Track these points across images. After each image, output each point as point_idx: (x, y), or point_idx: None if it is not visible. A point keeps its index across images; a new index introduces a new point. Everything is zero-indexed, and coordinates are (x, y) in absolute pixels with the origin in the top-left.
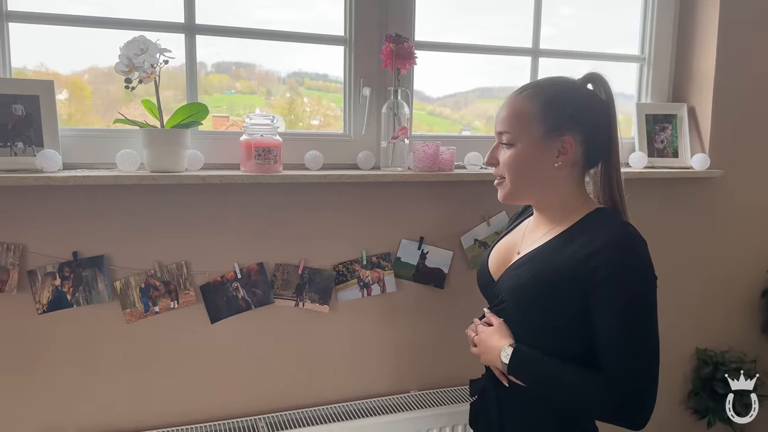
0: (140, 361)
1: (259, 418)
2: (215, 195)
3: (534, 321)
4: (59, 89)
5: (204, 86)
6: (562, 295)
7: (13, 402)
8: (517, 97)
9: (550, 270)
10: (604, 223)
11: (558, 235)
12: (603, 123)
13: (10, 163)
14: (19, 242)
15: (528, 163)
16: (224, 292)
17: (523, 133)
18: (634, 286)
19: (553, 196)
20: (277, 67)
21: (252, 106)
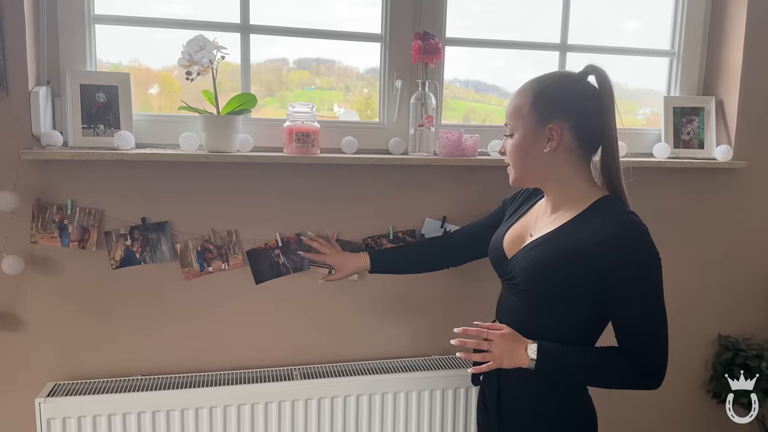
0: (195, 313)
1: (294, 369)
2: (261, 173)
3: (544, 298)
4: (150, 84)
5: (285, 82)
6: (572, 275)
7: (88, 343)
8: (517, 91)
9: (563, 251)
10: (613, 212)
11: (568, 221)
12: (595, 111)
13: (93, 141)
14: (98, 208)
15: (524, 150)
16: (267, 258)
17: (519, 123)
18: (643, 269)
19: (553, 181)
20: (356, 63)
21: (330, 101)
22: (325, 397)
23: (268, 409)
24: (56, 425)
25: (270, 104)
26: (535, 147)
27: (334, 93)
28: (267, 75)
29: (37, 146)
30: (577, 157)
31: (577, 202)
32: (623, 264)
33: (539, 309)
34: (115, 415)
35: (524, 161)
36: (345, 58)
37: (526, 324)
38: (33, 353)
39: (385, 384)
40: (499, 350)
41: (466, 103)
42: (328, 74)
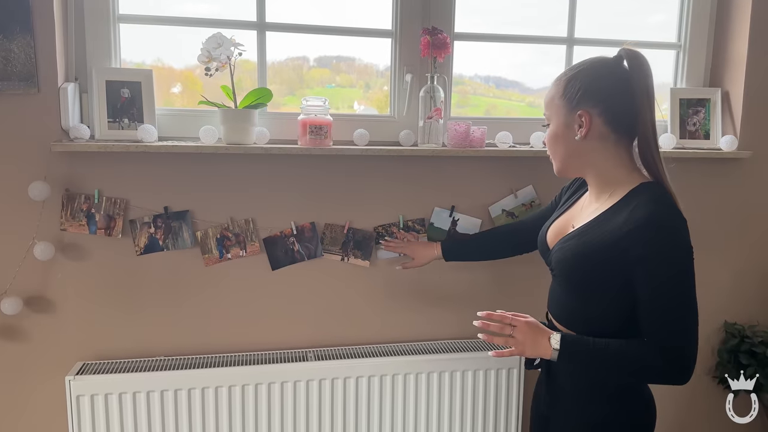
0: (215, 297)
1: (309, 351)
2: (277, 164)
3: (578, 290)
4: (173, 83)
5: (306, 80)
6: (600, 269)
7: (115, 325)
8: (552, 82)
9: (592, 246)
10: (644, 200)
11: (605, 211)
12: (626, 95)
13: (118, 134)
14: (123, 197)
15: (559, 140)
16: (283, 245)
17: (553, 113)
18: (669, 264)
19: (592, 169)
20: (375, 60)
21: (350, 99)
22: (338, 378)
23: (283, 389)
24: (85, 401)
25: (290, 102)
26: (567, 135)
27: (354, 91)
28: (288, 73)
29: (66, 139)
30: (612, 144)
31: (617, 189)
32: (646, 257)
33: (579, 298)
34: (140, 393)
35: (559, 150)
36: (365, 55)
37: (570, 312)
38: (63, 334)
39: (395, 366)
40: (522, 337)
41: (486, 99)
42: (348, 72)
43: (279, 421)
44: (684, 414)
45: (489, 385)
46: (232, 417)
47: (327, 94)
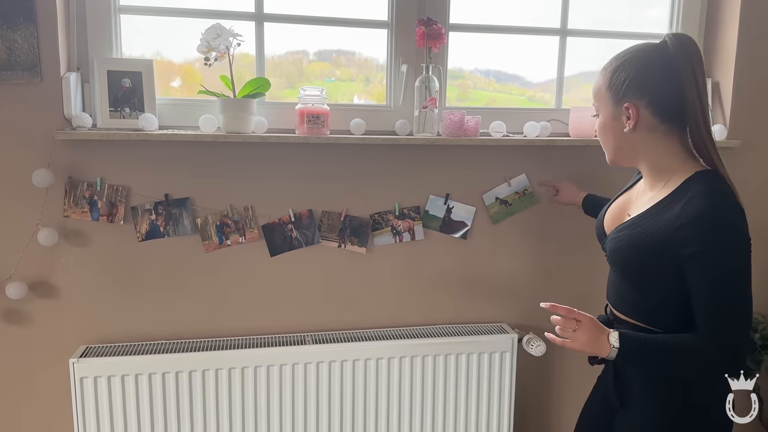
0: (215, 282)
1: (306, 335)
2: (275, 153)
3: (633, 281)
4: (173, 77)
5: (306, 74)
6: (655, 261)
7: (117, 309)
8: (601, 71)
9: (646, 237)
10: (699, 192)
11: (660, 201)
12: (672, 83)
13: (119, 123)
14: (125, 184)
15: (608, 131)
16: (281, 232)
17: (601, 104)
18: (723, 259)
19: (644, 159)
20: (375, 54)
21: (350, 93)
22: (335, 361)
23: (282, 371)
24: (88, 383)
25: (290, 96)
26: (616, 127)
27: (354, 84)
28: (287, 67)
29: (68, 128)
30: (663, 134)
31: (671, 178)
32: (700, 252)
33: (635, 288)
34: (142, 375)
35: (609, 141)
36: (364, 49)
37: (630, 303)
38: (66, 318)
39: (391, 349)
40: (584, 335)
41: (487, 93)
42: (348, 66)
43: (277, 403)
44: None
45: (482, 369)
46: (232, 398)
47: (327, 88)
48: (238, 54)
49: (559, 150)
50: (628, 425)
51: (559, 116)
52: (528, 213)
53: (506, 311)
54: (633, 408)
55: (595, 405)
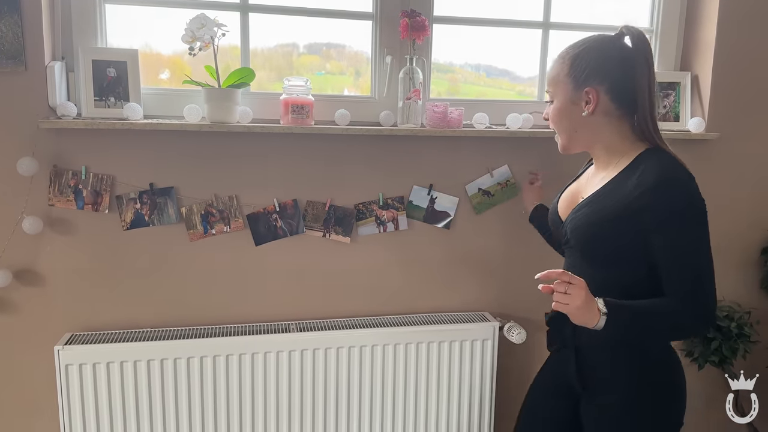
0: (200, 271)
1: (291, 323)
2: (259, 142)
3: (599, 255)
4: (161, 69)
5: (296, 67)
6: (615, 234)
7: (102, 297)
8: (555, 58)
9: (605, 210)
10: (652, 163)
11: (613, 178)
12: (628, 71)
13: (104, 113)
14: (110, 173)
15: (565, 116)
16: (266, 221)
17: (558, 90)
18: (684, 219)
19: (598, 143)
20: (365, 48)
21: (340, 86)
22: (319, 349)
23: (266, 359)
24: (73, 370)
25: (280, 88)
26: (574, 111)
27: (344, 78)
28: (277, 60)
29: (53, 116)
30: (616, 118)
31: (622, 158)
32: (662, 217)
33: (597, 265)
34: (127, 362)
35: (565, 126)
36: (355, 42)
37: (601, 282)
38: (52, 306)
39: (374, 337)
40: (580, 298)
41: (477, 88)
42: (338, 59)
43: (262, 390)
44: None
45: (464, 356)
46: (217, 386)
47: (317, 81)
48: (226, 46)
49: (541, 141)
50: (599, 408)
51: (541, 108)
52: (510, 203)
53: (488, 300)
54: (603, 390)
55: (544, 393)
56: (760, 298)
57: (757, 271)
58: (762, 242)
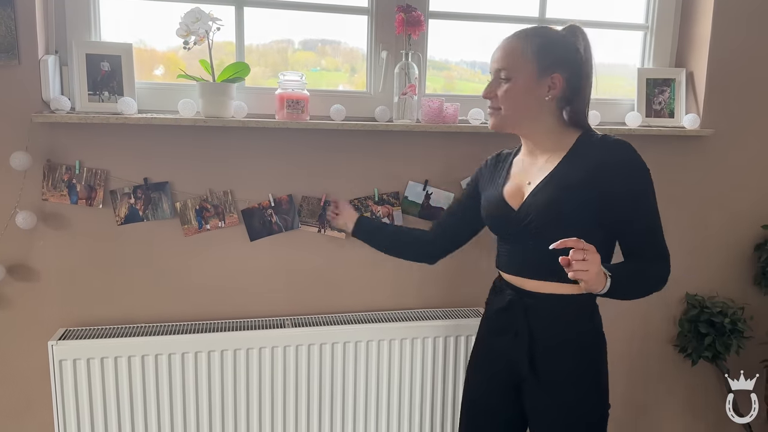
0: (194, 266)
1: (286, 318)
2: (254, 137)
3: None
4: (156, 65)
5: (291, 63)
6: (584, 201)
7: (96, 293)
8: (513, 39)
9: (571, 183)
10: (598, 140)
11: (562, 160)
12: (584, 65)
13: (98, 107)
14: (104, 168)
15: (523, 96)
16: (260, 217)
17: (519, 69)
18: (644, 183)
19: (539, 127)
20: (360, 44)
21: (335, 83)
22: (314, 344)
23: (261, 354)
24: (67, 365)
25: (274, 84)
26: (533, 93)
27: (339, 74)
28: (272, 56)
29: (46, 110)
30: (563, 106)
31: (559, 143)
32: (627, 181)
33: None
34: (121, 358)
35: (520, 106)
36: (350, 39)
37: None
38: (45, 301)
39: (368, 333)
40: (596, 265)
41: (472, 85)
42: (334, 55)
43: (257, 386)
44: (646, 380)
45: (459, 351)
46: (212, 382)
47: (312, 77)
48: (220, 42)
49: None
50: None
51: None
52: None
53: (482, 295)
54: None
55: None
56: (754, 293)
57: (750, 267)
58: (755, 238)
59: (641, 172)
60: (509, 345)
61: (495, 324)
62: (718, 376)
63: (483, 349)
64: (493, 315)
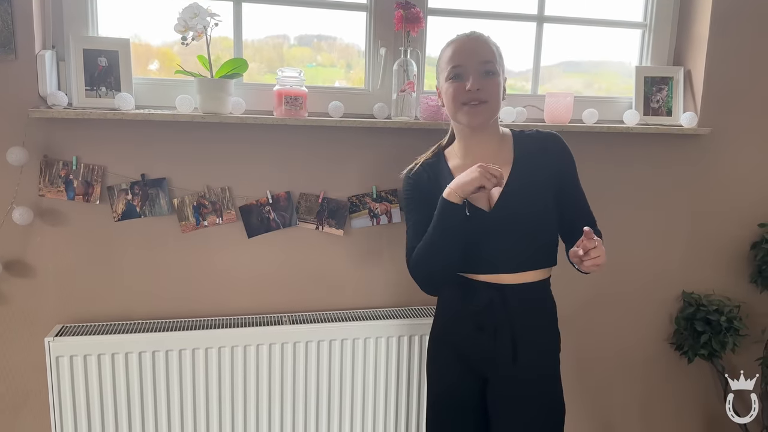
0: (192, 263)
1: (284, 315)
2: (253, 134)
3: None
4: (151, 60)
5: (286, 59)
6: (548, 191)
7: (93, 289)
8: (488, 40)
9: (537, 179)
10: (533, 134)
11: (517, 156)
12: None
13: (95, 102)
14: (101, 164)
15: (501, 90)
16: (258, 214)
17: (499, 66)
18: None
19: (496, 122)
20: (357, 41)
21: (331, 79)
22: (311, 341)
23: (259, 351)
24: (64, 362)
25: (270, 80)
26: (502, 90)
27: (335, 70)
28: (268, 51)
29: (43, 106)
30: None
31: (504, 138)
32: (571, 168)
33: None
34: (118, 354)
35: (500, 100)
36: (346, 35)
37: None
38: (42, 297)
39: (366, 330)
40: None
41: None
42: (330, 51)
43: (254, 382)
44: (642, 377)
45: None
46: (209, 378)
47: (308, 74)
48: (217, 38)
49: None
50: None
51: (535, 102)
52: None
53: None
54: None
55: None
56: (750, 292)
57: (746, 266)
58: (752, 237)
59: (573, 157)
60: (488, 342)
61: (469, 323)
62: (714, 374)
63: (447, 349)
64: (468, 315)
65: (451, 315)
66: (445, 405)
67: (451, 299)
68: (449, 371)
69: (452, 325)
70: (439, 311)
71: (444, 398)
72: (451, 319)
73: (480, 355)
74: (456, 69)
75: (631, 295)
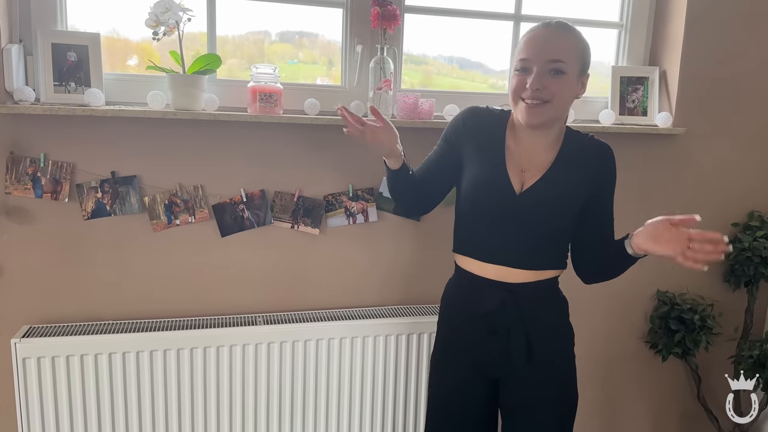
0: (164, 262)
1: (258, 315)
2: (226, 131)
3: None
4: (130, 55)
5: (267, 55)
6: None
7: (62, 289)
8: (566, 33)
9: (571, 181)
10: (590, 141)
11: (559, 155)
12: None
13: (64, 98)
14: (70, 161)
15: (571, 91)
16: (232, 212)
17: (571, 65)
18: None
19: (560, 122)
20: (339, 37)
21: (313, 76)
22: (285, 341)
23: (232, 352)
24: (31, 364)
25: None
26: (574, 91)
27: (317, 67)
28: (248, 47)
29: (10, 101)
30: None
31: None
32: (608, 178)
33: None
34: (88, 356)
35: (567, 102)
36: (328, 32)
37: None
38: (9, 297)
39: (341, 330)
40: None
41: (450, 80)
42: (311, 48)
43: (227, 384)
44: (617, 375)
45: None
46: (181, 379)
47: (289, 70)
48: (195, 33)
49: None
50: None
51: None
52: None
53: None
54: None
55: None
56: (723, 290)
57: (720, 265)
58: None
59: (615, 173)
60: (501, 344)
61: (480, 327)
62: (688, 371)
63: (456, 355)
64: (478, 319)
65: (459, 320)
66: (449, 412)
67: (457, 303)
68: (457, 377)
69: (461, 330)
70: (444, 316)
71: (450, 405)
72: (459, 325)
73: (493, 357)
74: (523, 62)
75: (607, 294)
